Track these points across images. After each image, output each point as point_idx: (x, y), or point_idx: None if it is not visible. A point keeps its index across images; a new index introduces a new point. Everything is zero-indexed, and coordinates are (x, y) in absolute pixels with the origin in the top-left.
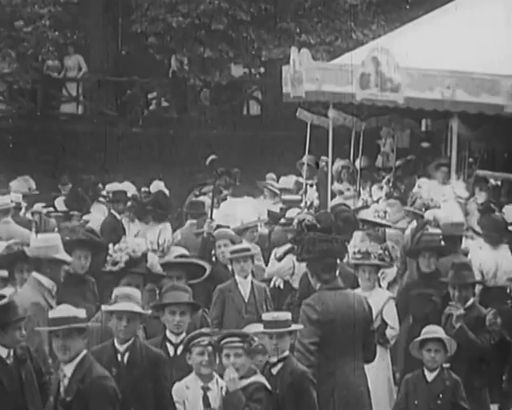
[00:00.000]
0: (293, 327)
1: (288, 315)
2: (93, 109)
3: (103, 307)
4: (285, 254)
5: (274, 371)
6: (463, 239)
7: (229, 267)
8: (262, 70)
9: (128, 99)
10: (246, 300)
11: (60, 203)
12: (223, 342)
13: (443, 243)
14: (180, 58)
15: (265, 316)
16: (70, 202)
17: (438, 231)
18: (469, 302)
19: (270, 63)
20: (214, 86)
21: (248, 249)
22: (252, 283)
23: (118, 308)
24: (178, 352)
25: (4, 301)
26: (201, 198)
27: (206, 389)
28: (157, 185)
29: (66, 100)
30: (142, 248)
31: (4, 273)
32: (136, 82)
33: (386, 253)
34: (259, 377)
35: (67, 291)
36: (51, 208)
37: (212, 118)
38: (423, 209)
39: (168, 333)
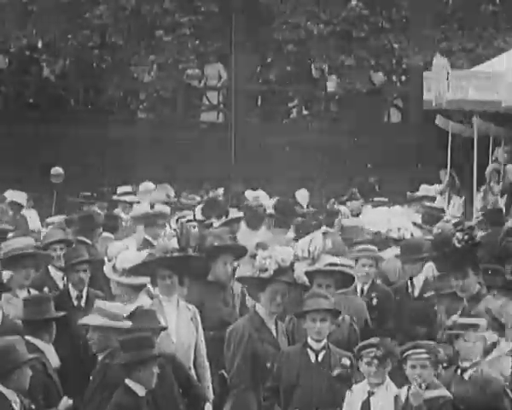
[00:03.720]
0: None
1: (483, 321)
2: (233, 118)
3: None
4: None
5: (466, 376)
6: None
7: None
8: (403, 78)
9: (268, 107)
10: None
11: (199, 212)
12: (408, 353)
13: None
14: (320, 66)
15: (454, 317)
16: (207, 210)
17: None
18: None
19: (412, 70)
20: (355, 94)
21: None
22: None
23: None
24: (319, 358)
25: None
26: (339, 207)
27: (370, 394)
28: (301, 194)
29: (207, 108)
30: (291, 258)
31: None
32: (276, 90)
33: None
34: (446, 392)
35: (208, 297)
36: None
37: (352, 126)
38: None
39: (309, 340)
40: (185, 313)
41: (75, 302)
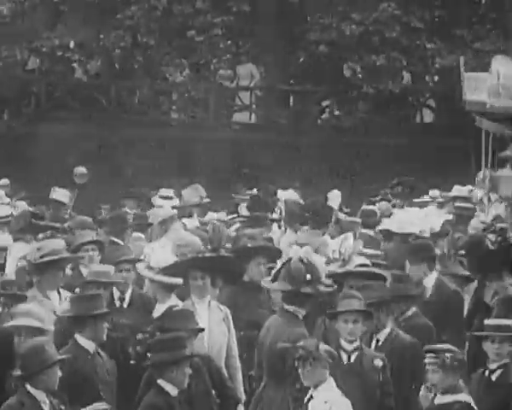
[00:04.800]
0: None
1: (510, 322)
2: (266, 118)
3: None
4: None
5: (493, 377)
6: None
7: None
8: (436, 78)
9: (301, 108)
10: None
11: (243, 210)
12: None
13: None
14: (353, 66)
15: (488, 321)
16: (252, 207)
17: None
18: None
19: (444, 71)
20: (387, 94)
21: None
22: None
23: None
24: (352, 359)
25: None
26: (373, 207)
27: (311, 397)
28: (333, 195)
29: (239, 109)
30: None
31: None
32: (308, 90)
33: None
34: (465, 396)
35: (242, 298)
36: (234, 215)
37: (384, 126)
38: None
39: (342, 341)
40: (217, 313)
41: (117, 303)
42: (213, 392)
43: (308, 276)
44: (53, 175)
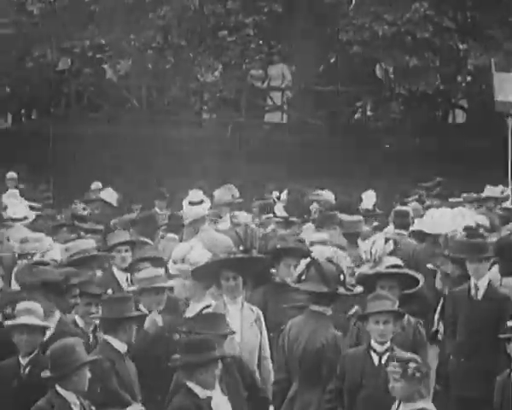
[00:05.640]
0: None
1: None
2: (298, 118)
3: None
4: None
5: None
6: None
7: None
8: (468, 78)
9: (333, 108)
10: None
11: (280, 209)
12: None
13: None
14: (385, 67)
15: (511, 323)
16: (290, 208)
17: None
18: None
19: (476, 71)
20: (419, 95)
21: None
22: None
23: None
24: (383, 361)
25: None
26: (406, 208)
27: None
28: (368, 195)
29: (271, 109)
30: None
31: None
32: (341, 91)
33: None
34: (425, 403)
35: (273, 299)
36: (271, 215)
37: (416, 126)
38: None
39: (373, 342)
40: (249, 315)
41: None
42: (245, 394)
43: (341, 276)
44: (82, 176)
